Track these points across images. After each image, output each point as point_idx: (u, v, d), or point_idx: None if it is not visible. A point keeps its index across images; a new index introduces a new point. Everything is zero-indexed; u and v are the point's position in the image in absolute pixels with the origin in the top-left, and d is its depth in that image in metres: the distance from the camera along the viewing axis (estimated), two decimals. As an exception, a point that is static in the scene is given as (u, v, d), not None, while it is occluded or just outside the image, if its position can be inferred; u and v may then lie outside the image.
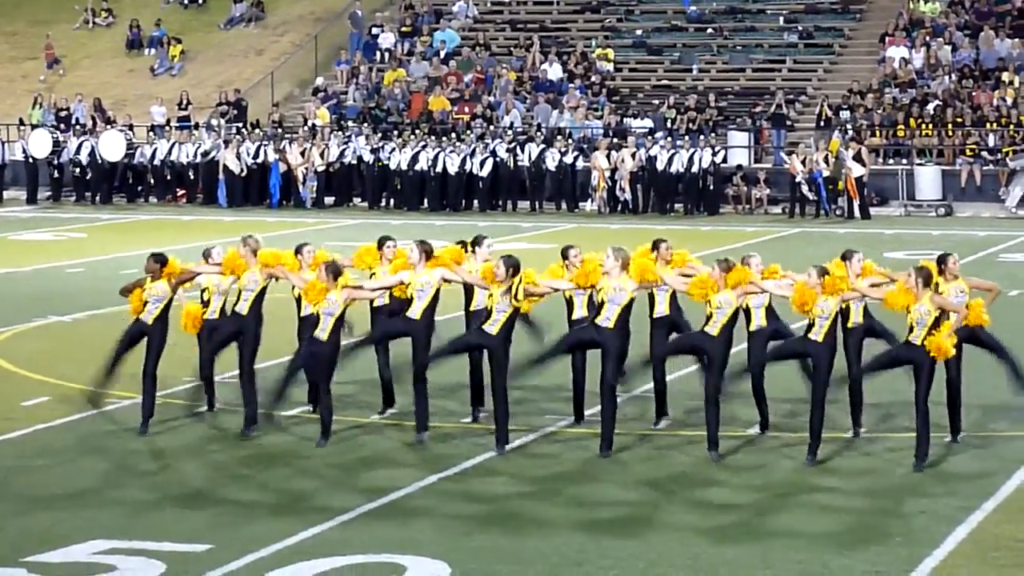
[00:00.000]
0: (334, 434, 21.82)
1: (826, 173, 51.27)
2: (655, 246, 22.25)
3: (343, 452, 21.44)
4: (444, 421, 22.63)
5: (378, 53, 64.34)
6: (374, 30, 65.35)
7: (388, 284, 22.11)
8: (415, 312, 21.58)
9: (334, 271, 21.53)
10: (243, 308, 22.38)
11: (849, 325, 21.88)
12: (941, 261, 21.81)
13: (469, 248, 22.46)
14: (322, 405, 21.85)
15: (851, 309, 21.87)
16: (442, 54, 63.50)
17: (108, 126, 57.62)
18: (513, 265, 21.30)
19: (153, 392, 22.38)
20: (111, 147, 55.78)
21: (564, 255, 22.33)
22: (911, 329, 20.48)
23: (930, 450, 20.48)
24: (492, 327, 21.12)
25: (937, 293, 20.68)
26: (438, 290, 21.70)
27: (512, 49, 63.35)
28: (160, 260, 22.61)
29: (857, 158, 51.51)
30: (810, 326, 20.86)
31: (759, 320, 21.95)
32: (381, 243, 23.13)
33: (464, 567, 16.32)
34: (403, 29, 65.32)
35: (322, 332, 21.42)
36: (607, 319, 21.14)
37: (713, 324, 20.81)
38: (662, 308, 22.57)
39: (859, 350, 22.02)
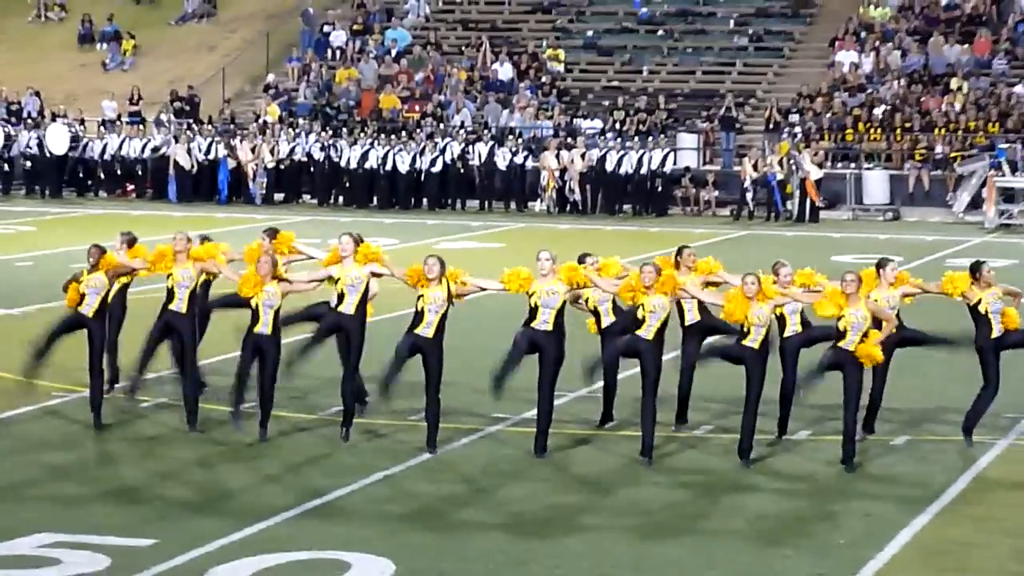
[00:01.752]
0: (282, 433, 21.87)
1: (780, 176, 51.43)
2: (679, 252, 22.19)
3: (288, 450, 21.43)
4: (391, 419, 22.62)
5: (329, 51, 64.34)
6: (326, 28, 65.34)
7: (319, 277, 22.12)
8: (348, 307, 21.60)
9: (274, 262, 21.62)
10: (180, 307, 22.37)
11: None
12: (975, 269, 21.62)
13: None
14: (265, 398, 21.83)
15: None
16: (393, 52, 63.52)
17: (54, 119, 57.59)
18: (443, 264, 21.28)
19: (100, 387, 22.38)
20: (56, 140, 55.73)
21: (581, 261, 21.96)
22: (843, 334, 20.64)
23: (865, 454, 20.70)
24: (428, 330, 21.05)
25: (873, 300, 20.88)
26: (367, 285, 21.70)
27: (463, 49, 63.42)
28: (100, 250, 22.67)
29: (814, 161, 51.76)
30: (746, 333, 20.95)
31: (794, 326, 21.98)
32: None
33: (408, 564, 16.34)
34: (355, 27, 65.30)
35: (264, 327, 21.47)
36: (544, 323, 21.22)
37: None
38: (692, 315, 22.49)
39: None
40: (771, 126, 55.81)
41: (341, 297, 21.59)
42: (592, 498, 19.33)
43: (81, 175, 56.37)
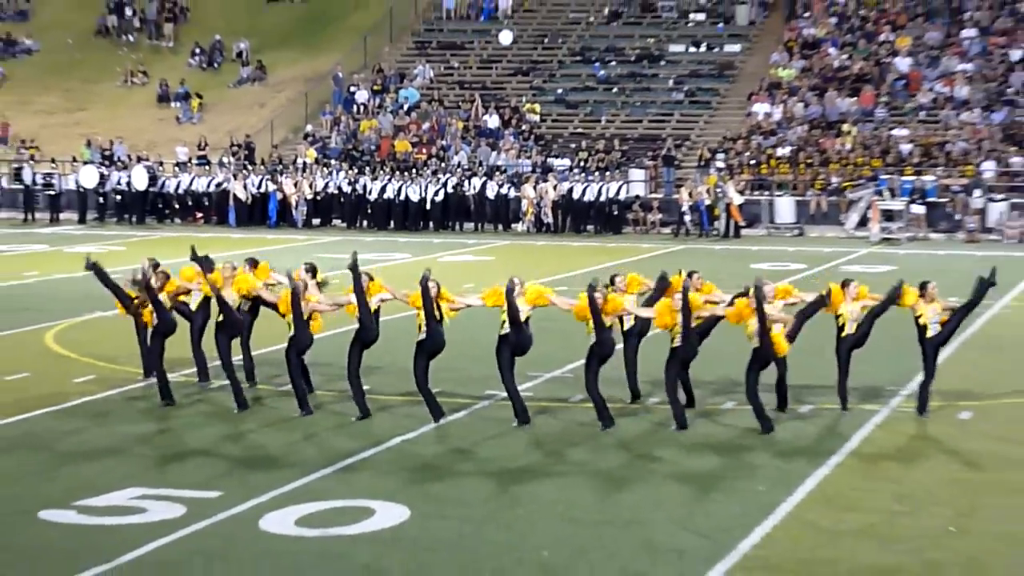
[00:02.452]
0: (317, 407, 21.85)
1: (708, 202, 51.49)
2: (689, 275, 21.66)
3: (322, 420, 21.36)
4: (405, 397, 22.53)
5: (355, 106, 64.23)
6: (352, 88, 65.22)
7: (341, 302, 22.18)
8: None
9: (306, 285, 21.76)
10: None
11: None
12: (923, 287, 21.38)
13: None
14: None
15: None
16: (405, 108, 63.48)
17: (138, 162, 57.55)
18: (437, 286, 21.22)
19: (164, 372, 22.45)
20: (140, 179, 55.75)
21: (612, 281, 21.81)
22: (752, 337, 20.66)
23: (778, 420, 20.73)
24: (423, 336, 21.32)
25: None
26: (379, 306, 21.93)
27: (460, 104, 63.34)
28: (166, 276, 22.84)
29: (742, 190, 51.87)
30: (674, 337, 20.90)
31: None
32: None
33: (420, 509, 16.30)
34: (374, 87, 65.19)
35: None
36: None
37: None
38: (629, 322, 22.15)
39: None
40: (702, 163, 55.81)
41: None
42: (561, 455, 19.27)
43: (160, 206, 56.25)
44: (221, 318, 22.38)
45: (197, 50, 71.58)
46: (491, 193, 53.90)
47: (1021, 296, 34.37)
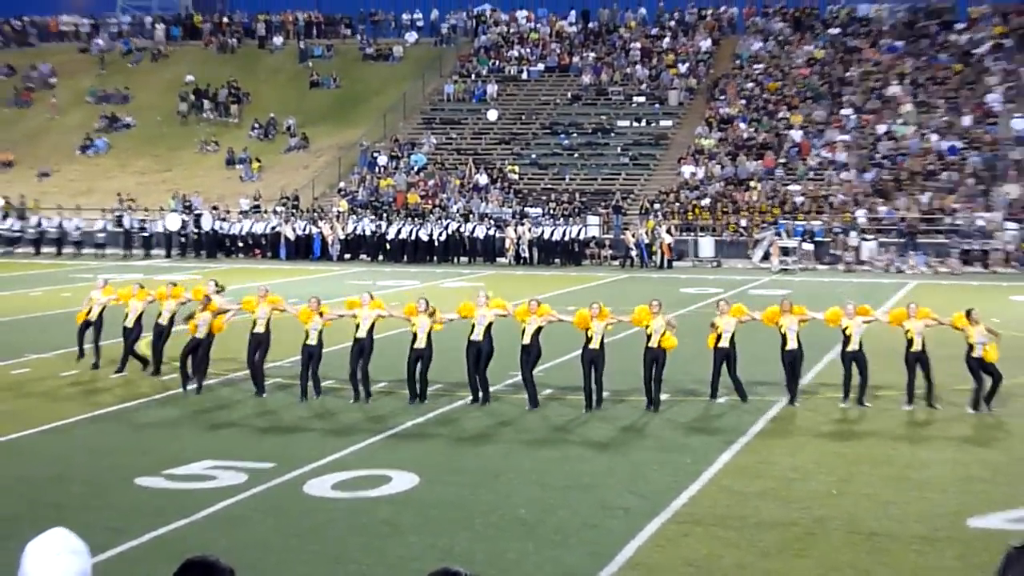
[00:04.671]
0: (338, 397, 21.82)
1: (646, 241, 51.58)
2: (717, 304, 22.33)
3: (364, 408, 21.38)
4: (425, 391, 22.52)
5: (376, 168, 64.22)
6: (374, 154, 65.18)
7: (344, 314, 22.45)
8: (362, 332, 21.97)
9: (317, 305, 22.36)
10: (260, 328, 22.57)
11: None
12: (968, 313, 21.13)
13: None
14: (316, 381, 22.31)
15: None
16: (415, 169, 63.46)
17: (214, 209, 57.63)
18: (426, 299, 22.07)
19: (202, 374, 22.83)
20: (210, 224, 55.95)
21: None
22: (649, 337, 20.95)
23: (707, 408, 20.72)
24: (421, 343, 21.59)
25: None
26: (374, 320, 22.10)
27: (457, 166, 63.30)
28: (208, 298, 23.48)
29: (669, 232, 51.96)
30: (590, 339, 20.99)
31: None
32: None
33: (428, 476, 16.32)
34: (392, 154, 65.19)
35: (312, 340, 22.13)
36: (477, 335, 21.56)
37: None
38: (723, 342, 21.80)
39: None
40: (643, 211, 55.82)
41: (358, 327, 22.08)
42: (535, 436, 19.27)
43: (227, 244, 56.23)
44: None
45: (256, 125, 71.51)
46: (481, 234, 53.94)
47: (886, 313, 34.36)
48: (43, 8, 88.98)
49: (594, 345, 21.07)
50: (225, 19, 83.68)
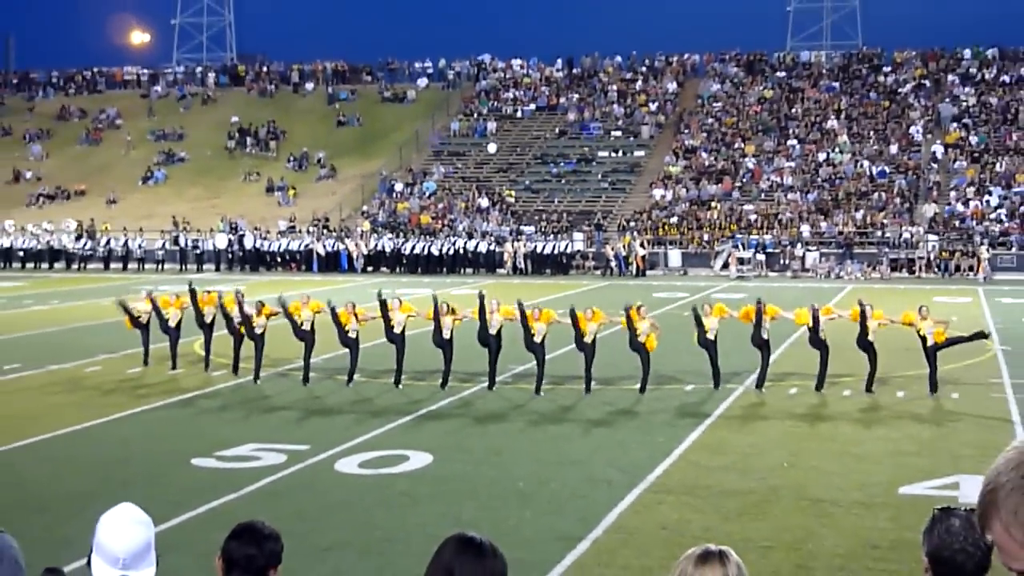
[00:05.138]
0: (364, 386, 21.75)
1: (624, 254, 51.56)
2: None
3: (395, 395, 21.32)
4: (430, 379, 22.47)
5: (394, 194, 64.24)
6: (392, 182, 65.18)
7: (376, 315, 22.45)
8: (398, 330, 22.07)
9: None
10: (307, 326, 22.52)
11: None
12: (920, 309, 20.89)
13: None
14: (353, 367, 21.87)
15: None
16: (427, 194, 63.47)
17: (257, 230, 57.66)
18: (447, 303, 22.18)
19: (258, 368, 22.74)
20: (252, 242, 56.01)
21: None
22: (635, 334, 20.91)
23: (675, 394, 20.65)
24: (446, 333, 21.64)
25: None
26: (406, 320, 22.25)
27: (462, 191, 63.31)
28: (261, 303, 23.27)
29: (642, 245, 51.94)
30: (584, 334, 20.99)
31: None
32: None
33: (440, 455, 16.29)
34: (407, 182, 65.20)
35: (352, 333, 22.11)
36: (494, 328, 21.60)
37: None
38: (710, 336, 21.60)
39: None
40: (620, 228, 55.85)
41: (392, 327, 22.20)
42: (531, 419, 19.23)
43: (267, 260, 56.21)
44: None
45: (291, 158, 71.45)
46: (483, 249, 53.90)
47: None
48: (109, 60, 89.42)
49: (587, 340, 21.14)
50: (265, 68, 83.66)
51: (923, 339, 20.70)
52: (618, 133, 67.48)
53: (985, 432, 17.79)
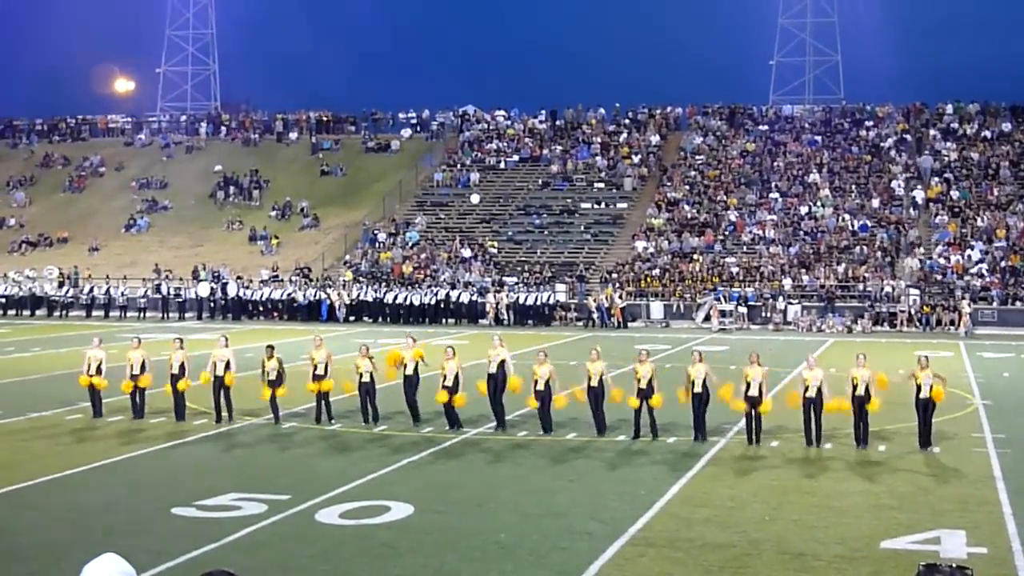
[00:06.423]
0: (348, 440, 21.69)
1: (606, 305, 51.66)
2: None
3: (364, 449, 21.27)
4: (409, 430, 22.44)
5: (377, 243, 64.33)
6: (374, 232, 65.28)
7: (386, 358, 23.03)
8: (409, 371, 23.13)
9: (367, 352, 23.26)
10: (321, 371, 23.40)
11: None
12: (919, 359, 21.11)
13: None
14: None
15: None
16: (409, 244, 63.59)
17: (239, 279, 57.64)
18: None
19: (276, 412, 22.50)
20: (233, 289, 56.07)
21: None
22: (639, 382, 21.24)
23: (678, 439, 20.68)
24: (450, 381, 22.32)
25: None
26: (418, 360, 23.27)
27: (445, 241, 63.45)
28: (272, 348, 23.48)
29: (620, 297, 52.07)
30: (590, 378, 21.19)
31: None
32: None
33: (421, 505, 16.27)
34: (389, 232, 65.32)
35: (366, 376, 23.28)
36: (493, 367, 22.49)
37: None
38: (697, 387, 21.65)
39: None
40: (602, 279, 56.02)
41: (406, 367, 23.53)
42: (512, 472, 19.23)
43: (250, 308, 56.18)
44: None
45: (274, 207, 71.61)
46: (465, 299, 53.98)
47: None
48: (93, 108, 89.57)
49: (594, 383, 21.73)
50: (249, 118, 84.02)
51: (918, 388, 20.83)
52: (601, 185, 67.85)
53: (967, 487, 17.88)
